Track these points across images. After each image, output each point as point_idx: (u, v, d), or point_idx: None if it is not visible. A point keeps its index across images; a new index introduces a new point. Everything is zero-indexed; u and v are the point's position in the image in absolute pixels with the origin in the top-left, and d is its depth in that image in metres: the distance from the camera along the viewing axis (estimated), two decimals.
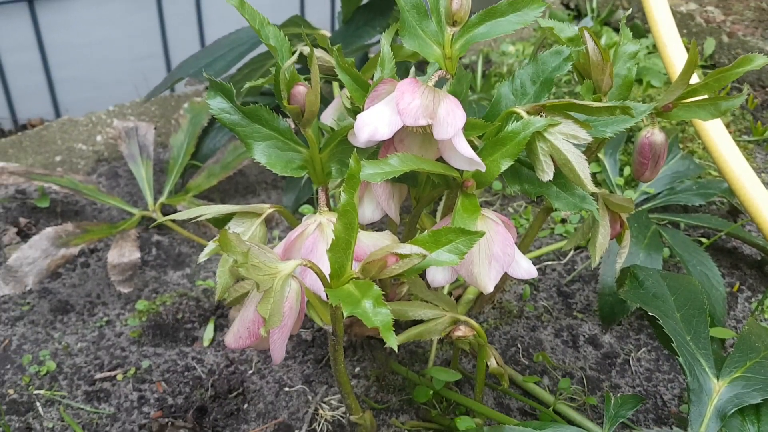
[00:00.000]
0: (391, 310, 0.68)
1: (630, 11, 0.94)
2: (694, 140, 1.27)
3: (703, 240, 1.03)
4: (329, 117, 0.82)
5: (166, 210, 1.15)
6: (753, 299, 0.96)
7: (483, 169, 0.58)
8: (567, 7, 1.82)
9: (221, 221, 0.66)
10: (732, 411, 0.54)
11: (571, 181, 0.60)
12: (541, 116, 0.60)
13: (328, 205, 0.64)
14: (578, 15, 1.75)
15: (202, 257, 0.63)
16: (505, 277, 0.85)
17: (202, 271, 1.05)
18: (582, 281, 1.00)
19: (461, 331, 0.66)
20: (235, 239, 0.47)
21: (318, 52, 0.73)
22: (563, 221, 1.09)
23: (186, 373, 0.87)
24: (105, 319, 0.96)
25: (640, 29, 1.59)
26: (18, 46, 1.55)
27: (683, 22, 1.53)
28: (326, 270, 0.55)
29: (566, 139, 0.59)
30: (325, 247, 0.60)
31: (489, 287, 0.62)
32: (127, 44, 1.78)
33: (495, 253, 0.62)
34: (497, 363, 0.73)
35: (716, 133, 0.90)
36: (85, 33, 1.94)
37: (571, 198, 0.62)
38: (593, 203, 0.61)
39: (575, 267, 1.02)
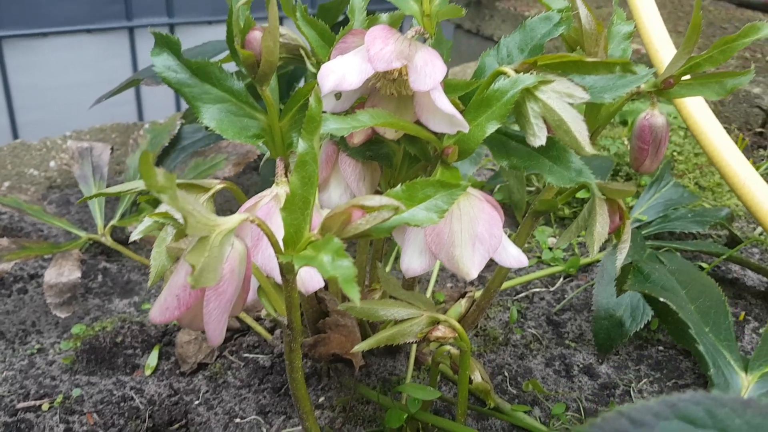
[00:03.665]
0: (360, 309, 0.59)
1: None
2: (684, 176, 1.21)
3: (704, 265, 0.95)
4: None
5: (117, 234, 1.05)
6: (760, 329, 0.87)
7: (466, 129, 0.51)
8: None
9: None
10: None
11: (566, 145, 0.52)
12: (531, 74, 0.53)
13: (286, 175, 0.55)
14: None
15: (135, 235, 0.53)
16: (486, 303, 0.76)
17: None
18: (573, 310, 0.91)
19: (440, 332, 0.56)
20: (161, 171, 0.38)
21: (282, 29, 0.67)
22: (550, 248, 1.00)
23: (122, 404, 0.75)
24: (37, 347, 0.85)
25: None
26: None
27: None
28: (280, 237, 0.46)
29: (560, 98, 0.52)
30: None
31: (473, 273, 0.53)
32: (97, 90, 1.72)
33: (480, 234, 0.53)
34: (482, 378, 0.63)
35: (713, 132, 0.83)
36: (55, 76, 1.88)
37: (566, 171, 0.54)
38: (591, 176, 0.53)
39: (565, 296, 0.93)
